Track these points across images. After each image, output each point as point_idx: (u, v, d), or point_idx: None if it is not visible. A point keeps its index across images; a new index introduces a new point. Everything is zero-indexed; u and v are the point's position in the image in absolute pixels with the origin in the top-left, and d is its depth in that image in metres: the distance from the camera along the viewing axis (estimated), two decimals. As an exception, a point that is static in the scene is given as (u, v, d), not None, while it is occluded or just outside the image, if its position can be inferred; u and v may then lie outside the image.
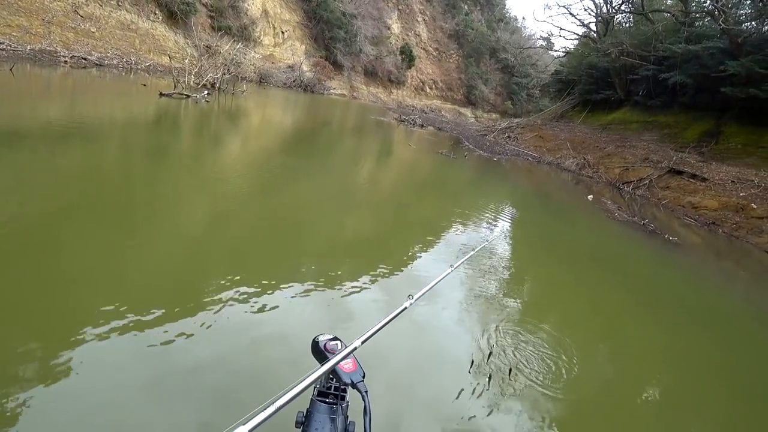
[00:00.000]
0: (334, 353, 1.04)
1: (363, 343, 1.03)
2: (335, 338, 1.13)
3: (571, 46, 30.84)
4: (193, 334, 2.37)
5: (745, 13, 16.04)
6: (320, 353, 1.09)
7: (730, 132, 14.43)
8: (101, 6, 17.37)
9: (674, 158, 13.39)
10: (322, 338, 1.12)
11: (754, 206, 9.93)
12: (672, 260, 6.85)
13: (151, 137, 7.65)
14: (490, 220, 6.80)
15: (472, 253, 2.68)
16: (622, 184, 13.29)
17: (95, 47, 16.32)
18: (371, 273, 3.74)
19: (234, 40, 21.88)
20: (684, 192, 11.71)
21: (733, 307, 5.41)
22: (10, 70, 10.61)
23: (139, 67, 17.19)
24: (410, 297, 1.39)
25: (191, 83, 14.38)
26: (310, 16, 33.82)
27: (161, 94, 11.68)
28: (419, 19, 49.73)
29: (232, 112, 13.28)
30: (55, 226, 3.36)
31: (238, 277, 3.06)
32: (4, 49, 12.76)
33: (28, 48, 13.53)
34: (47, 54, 13.99)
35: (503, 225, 6.78)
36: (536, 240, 6.68)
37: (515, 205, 9.01)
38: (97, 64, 15.44)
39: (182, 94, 12.26)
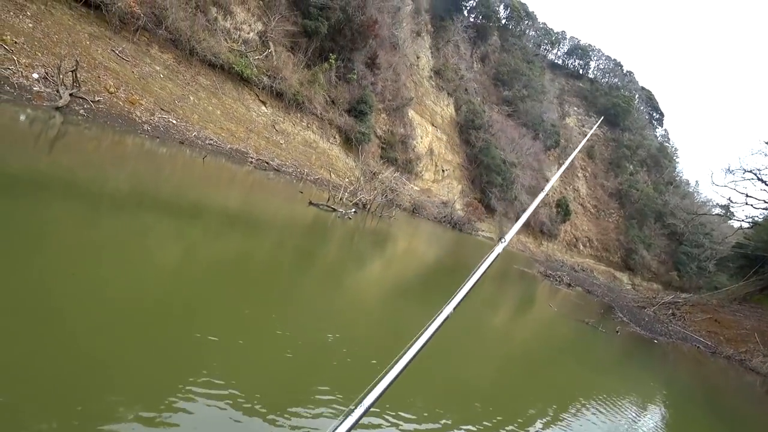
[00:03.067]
0: None
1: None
2: None
3: (760, 217, 25.04)
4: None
5: None
6: None
7: None
8: (293, 125, 20.43)
9: None
10: None
11: None
12: None
13: (290, 237, 8.59)
14: (632, 415, 5.52)
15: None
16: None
17: (278, 155, 18.58)
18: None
19: (396, 170, 23.15)
20: None
21: None
22: (203, 159, 12.11)
23: (308, 177, 18.83)
24: None
25: (343, 199, 14.76)
26: (471, 159, 35.26)
27: (310, 203, 11.95)
28: (580, 174, 48.33)
29: (369, 233, 12.94)
30: (206, 292, 3.94)
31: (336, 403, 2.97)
32: (211, 144, 15.09)
33: (228, 146, 15.80)
34: (240, 153, 16.15)
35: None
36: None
37: (670, 406, 7.15)
38: (275, 169, 17.29)
39: (330, 207, 12.36)
